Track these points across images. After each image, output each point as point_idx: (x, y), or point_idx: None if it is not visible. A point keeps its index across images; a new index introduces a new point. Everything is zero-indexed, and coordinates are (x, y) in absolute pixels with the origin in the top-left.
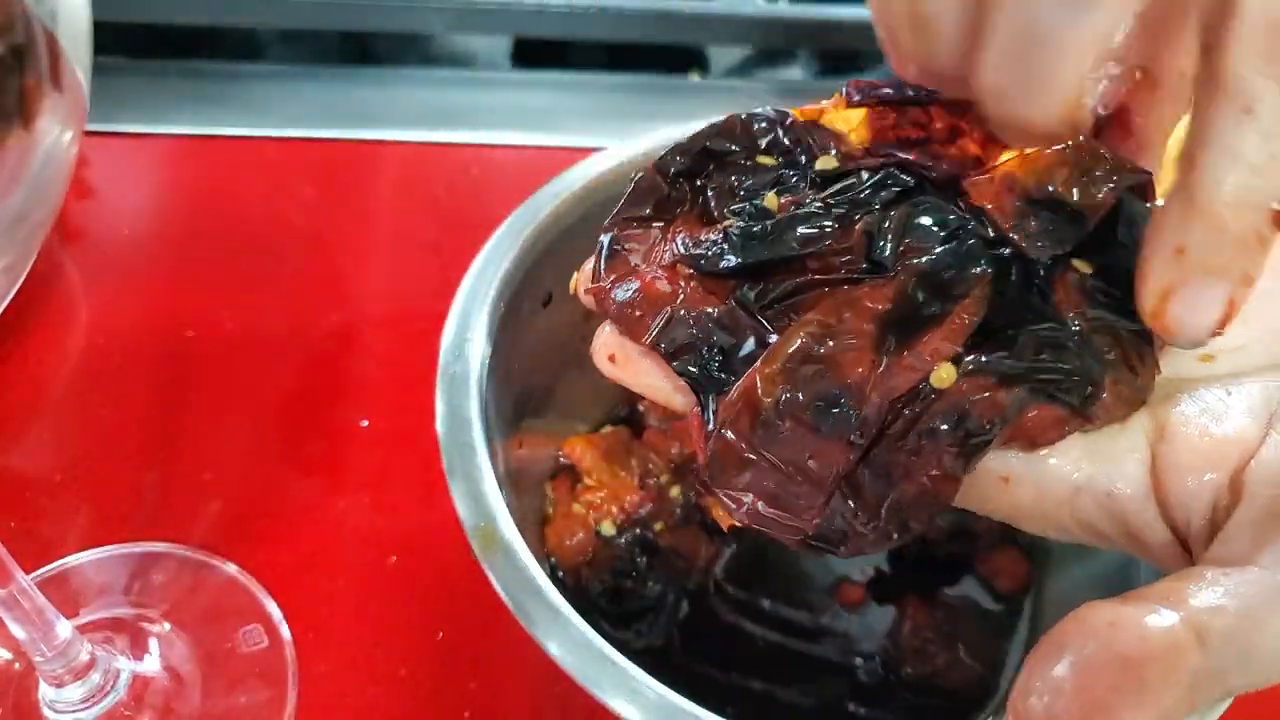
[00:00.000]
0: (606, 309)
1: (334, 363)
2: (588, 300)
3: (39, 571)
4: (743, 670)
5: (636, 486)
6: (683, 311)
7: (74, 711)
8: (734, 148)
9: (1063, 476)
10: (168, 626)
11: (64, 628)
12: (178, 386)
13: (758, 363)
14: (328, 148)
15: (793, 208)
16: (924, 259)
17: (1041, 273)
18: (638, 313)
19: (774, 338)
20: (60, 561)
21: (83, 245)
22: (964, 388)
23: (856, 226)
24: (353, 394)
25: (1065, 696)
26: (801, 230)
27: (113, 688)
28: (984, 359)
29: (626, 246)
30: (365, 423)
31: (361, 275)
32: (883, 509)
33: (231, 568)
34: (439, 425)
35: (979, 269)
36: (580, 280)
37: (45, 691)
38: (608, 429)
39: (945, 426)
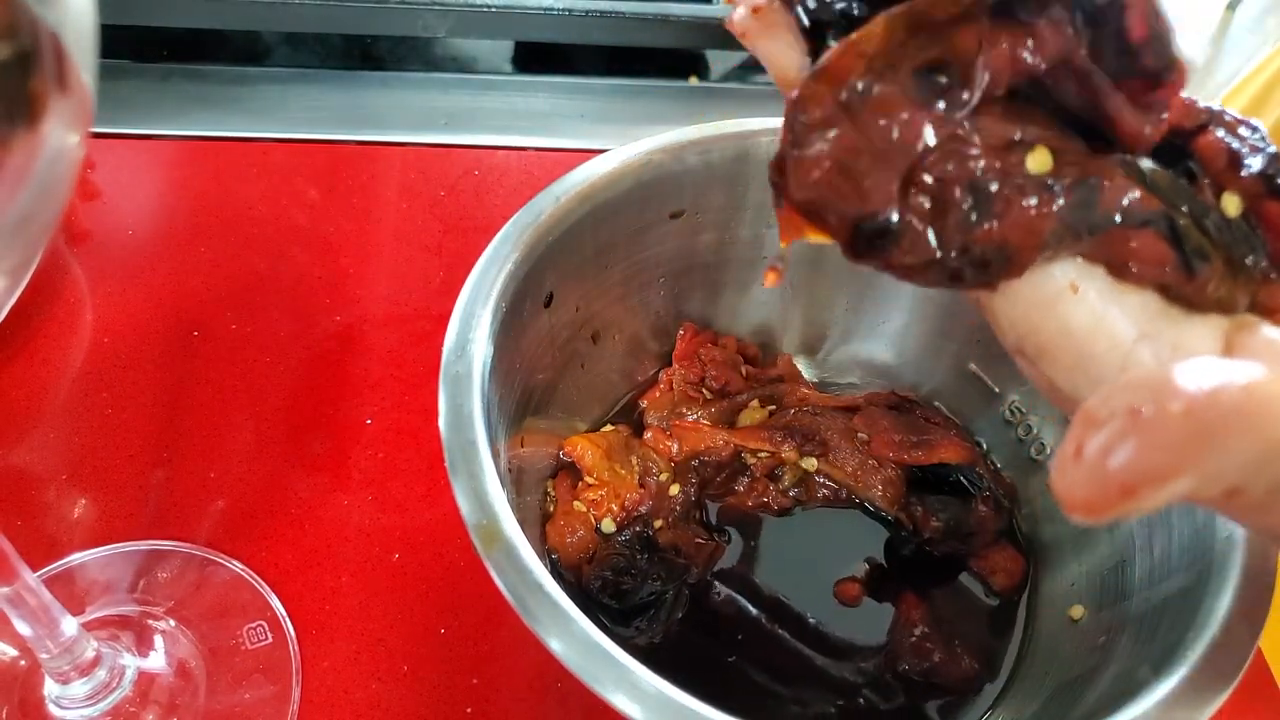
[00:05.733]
0: None
1: (337, 362)
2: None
3: (45, 569)
4: (741, 666)
5: (637, 484)
6: None
7: (80, 708)
8: None
9: (1132, 317)
10: (173, 623)
11: (70, 624)
12: (183, 386)
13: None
14: (331, 150)
15: None
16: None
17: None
18: None
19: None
20: (66, 559)
21: (88, 246)
22: (1108, 170)
23: None
24: (356, 393)
25: (1160, 409)
26: None
27: (118, 684)
28: (1137, 161)
29: None
30: (369, 421)
31: (365, 276)
32: (957, 239)
33: (236, 565)
34: (441, 424)
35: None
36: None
37: (51, 688)
38: (608, 428)
39: (1068, 189)
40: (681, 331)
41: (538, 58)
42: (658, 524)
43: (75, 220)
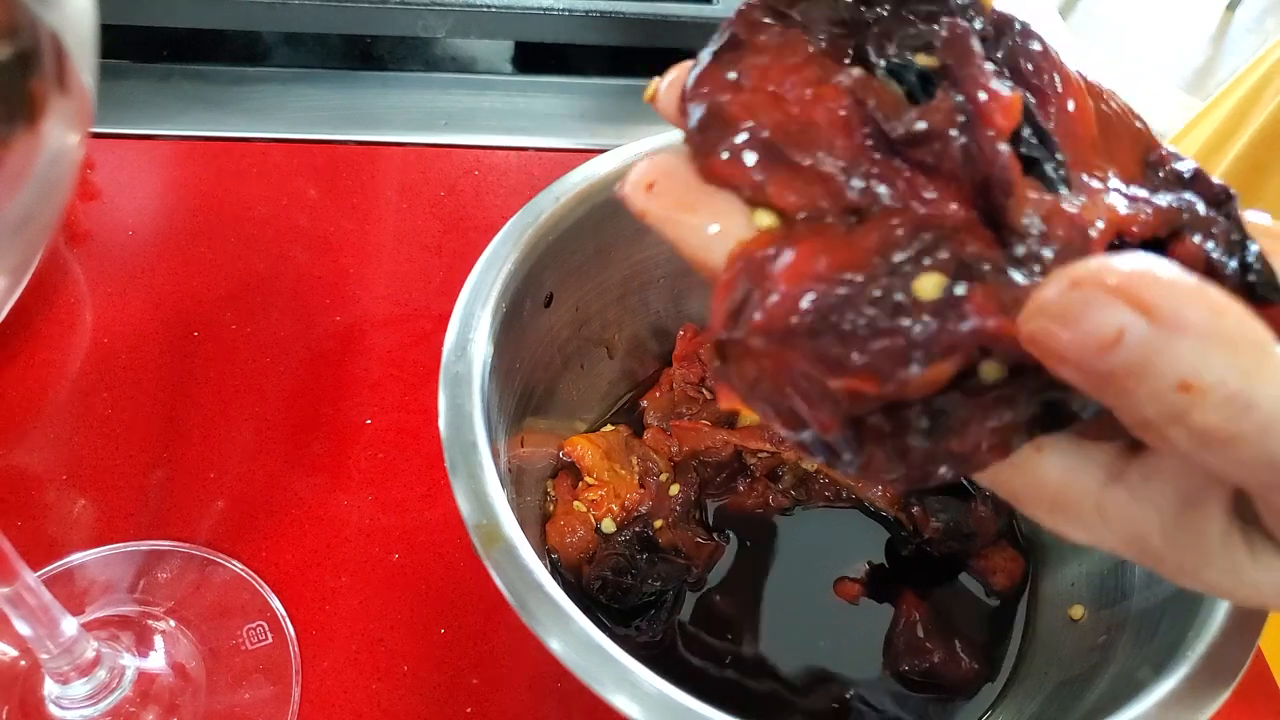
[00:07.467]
0: (686, 109)
1: (337, 362)
2: (666, 99)
3: (45, 569)
4: (741, 666)
5: (636, 484)
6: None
7: (80, 708)
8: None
9: (1099, 462)
10: (173, 623)
11: (70, 625)
12: (183, 386)
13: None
14: (331, 150)
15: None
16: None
17: None
18: (729, 123)
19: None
20: (66, 559)
21: (88, 247)
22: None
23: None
24: (356, 393)
25: None
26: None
27: (118, 684)
28: None
29: (756, 41)
30: (369, 421)
31: (365, 276)
32: (915, 456)
33: (236, 565)
34: (441, 424)
35: None
36: (671, 79)
37: (51, 688)
38: (608, 428)
39: (1034, 401)
40: (681, 332)
41: (538, 58)
42: (658, 524)
43: (75, 220)
